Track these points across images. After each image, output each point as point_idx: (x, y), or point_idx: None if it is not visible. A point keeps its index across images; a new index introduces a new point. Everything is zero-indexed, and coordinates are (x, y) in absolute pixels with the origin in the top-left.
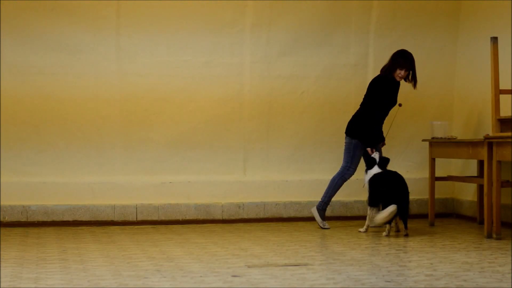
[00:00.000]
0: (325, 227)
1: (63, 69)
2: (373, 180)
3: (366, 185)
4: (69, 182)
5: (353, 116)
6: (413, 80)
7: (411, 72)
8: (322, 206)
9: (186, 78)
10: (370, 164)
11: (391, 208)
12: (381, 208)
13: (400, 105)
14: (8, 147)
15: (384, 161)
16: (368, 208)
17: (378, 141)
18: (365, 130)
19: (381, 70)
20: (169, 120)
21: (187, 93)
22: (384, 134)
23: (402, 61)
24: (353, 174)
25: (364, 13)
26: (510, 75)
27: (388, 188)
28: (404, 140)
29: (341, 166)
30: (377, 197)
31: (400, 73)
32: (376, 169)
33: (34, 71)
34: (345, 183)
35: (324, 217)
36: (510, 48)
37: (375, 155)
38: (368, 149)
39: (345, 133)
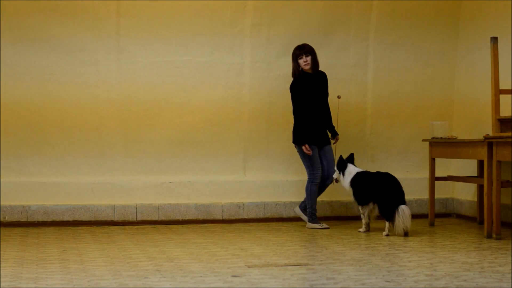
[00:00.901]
0: (324, 227)
1: (63, 69)
2: (356, 179)
3: (347, 186)
4: (69, 182)
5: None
6: (313, 64)
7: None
8: (312, 216)
9: (186, 78)
10: (342, 166)
11: (406, 211)
12: (372, 205)
13: (338, 97)
14: (8, 147)
15: (351, 158)
16: (360, 207)
17: (308, 137)
18: (294, 131)
19: (292, 75)
20: (169, 120)
21: (187, 93)
22: (334, 131)
23: (298, 51)
24: (320, 174)
25: (364, 13)
26: (510, 75)
27: (378, 185)
28: (404, 140)
29: (307, 174)
30: (366, 195)
31: (302, 61)
32: (353, 168)
33: (34, 71)
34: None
35: (317, 221)
36: (510, 48)
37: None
38: (303, 146)
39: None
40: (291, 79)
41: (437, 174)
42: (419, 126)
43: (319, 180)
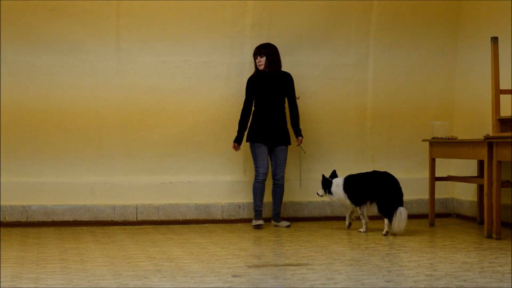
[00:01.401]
0: (257, 224)
1: (63, 69)
2: (348, 183)
3: (342, 196)
4: (69, 182)
5: None
6: (270, 64)
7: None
8: (255, 213)
9: (186, 78)
10: (326, 184)
11: (404, 214)
12: (369, 204)
13: (297, 97)
14: (8, 147)
15: (334, 175)
16: (358, 208)
17: (253, 136)
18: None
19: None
20: (169, 120)
21: (187, 93)
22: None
23: (256, 49)
24: (263, 171)
25: (364, 13)
26: (510, 75)
27: (377, 184)
28: (404, 140)
29: None
30: (362, 194)
31: (257, 61)
32: (339, 179)
33: (34, 71)
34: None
35: (258, 218)
36: (510, 48)
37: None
38: (234, 143)
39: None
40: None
41: (437, 174)
42: (419, 126)
43: (261, 178)
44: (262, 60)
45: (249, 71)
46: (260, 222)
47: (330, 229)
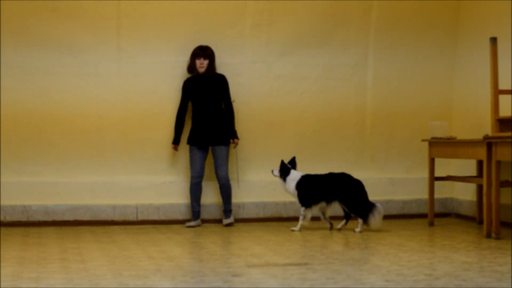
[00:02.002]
0: (191, 225)
1: (64, 69)
2: (302, 183)
3: (292, 191)
4: (69, 182)
5: None
6: (209, 67)
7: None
8: (192, 213)
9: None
10: (284, 171)
11: (381, 210)
12: (325, 205)
13: (232, 101)
14: (8, 147)
15: (293, 162)
16: (303, 209)
17: (188, 138)
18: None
19: (187, 70)
20: (169, 120)
21: None
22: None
23: (199, 51)
24: (193, 174)
25: (364, 13)
26: (510, 76)
27: (339, 186)
28: (404, 140)
29: None
30: (314, 196)
31: (199, 62)
32: (296, 174)
33: (34, 71)
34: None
35: (195, 218)
36: (510, 49)
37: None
38: (172, 145)
39: None
40: (291, 80)
41: (437, 174)
42: (418, 126)
43: (194, 180)
44: (204, 63)
45: (249, 71)
46: (193, 223)
47: (329, 229)
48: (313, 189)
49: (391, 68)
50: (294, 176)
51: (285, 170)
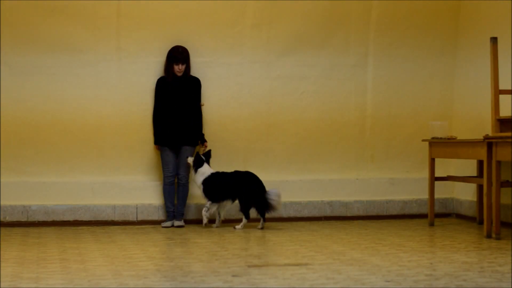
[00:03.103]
0: (166, 226)
1: (64, 69)
2: (210, 179)
3: (198, 183)
4: (69, 182)
5: None
6: (185, 70)
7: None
8: (166, 214)
9: None
10: (197, 163)
11: (276, 192)
12: (230, 203)
13: (202, 104)
14: (9, 147)
15: (208, 155)
16: (209, 203)
17: (159, 139)
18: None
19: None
20: None
21: None
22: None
23: (176, 54)
24: (166, 174)
25: (364, 13)
26: (510, 76)
27: (238, 184)
28: (404, 140)
29: None
30: (220, 193)
31: (177, 68)
32: (208, 169)
33: (34, 71)
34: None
35: (169, 219)
36: (510, 49)
37: (190, 159)
38: (155, 146)
39: None
40: (291, 80)
41: (437, 174)
42: (418, 126)
43: (167, 181)
44: (182, 68)
45: (249, 71)
46: (168, 224)
47: (330, 229)
48: (219, 186)
49: (391, 68)
50: (205, 170)
51: (199, 161)
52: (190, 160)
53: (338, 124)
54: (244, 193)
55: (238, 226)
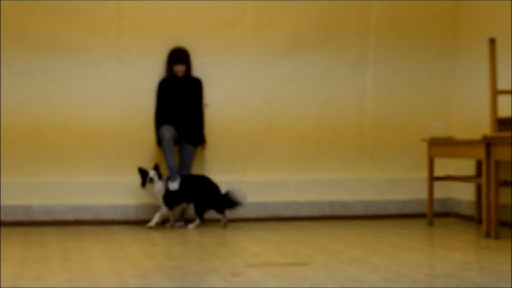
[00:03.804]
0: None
1: (64, 69)
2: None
3: (162, 194)
4: (70, 181)
5: None
6: (186, 71)
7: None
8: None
9: None
10: (158, 176)
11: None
12: (186, 205)
13: (206, 105)
14: (9, 146)
15: (156, 168)
16: (166, 209)
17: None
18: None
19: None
20: None
21: None
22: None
23: (176, 56)
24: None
25: (364, 13)
26: (509, 76)
27: (193, 187)
28: (403, 140)
29: None
30: (177, 197)
31: (177, 69)
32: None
33: (35, 71)
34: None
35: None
36: (509, 49)
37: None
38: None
39: None
40: (291, 80)
41: (436, 174)
42: (418, 126)
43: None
44: (181, 69)
45: (249, 72)
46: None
47: (330, 228)
48: (175, 193)
49: (391, 68)
50: (161, 181)
51: (158, 174)
52: (152, 173)
53: (338, 124)
54: (198, 197)
55: (191, 225)
